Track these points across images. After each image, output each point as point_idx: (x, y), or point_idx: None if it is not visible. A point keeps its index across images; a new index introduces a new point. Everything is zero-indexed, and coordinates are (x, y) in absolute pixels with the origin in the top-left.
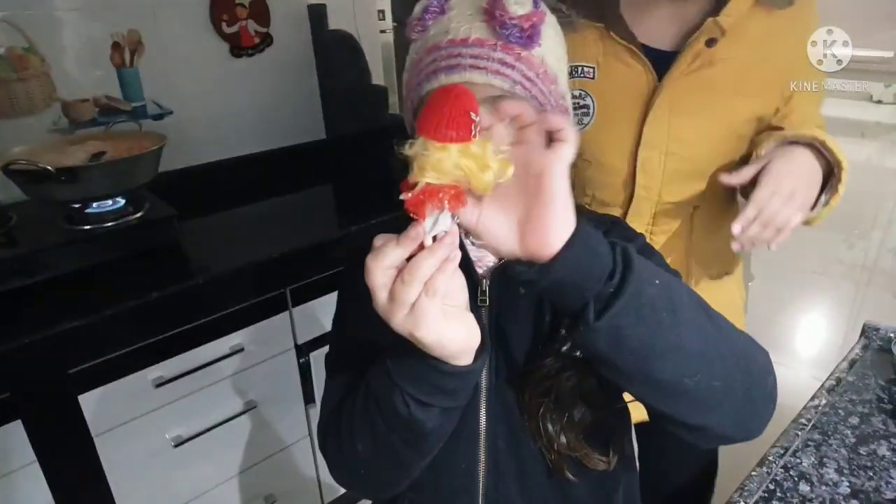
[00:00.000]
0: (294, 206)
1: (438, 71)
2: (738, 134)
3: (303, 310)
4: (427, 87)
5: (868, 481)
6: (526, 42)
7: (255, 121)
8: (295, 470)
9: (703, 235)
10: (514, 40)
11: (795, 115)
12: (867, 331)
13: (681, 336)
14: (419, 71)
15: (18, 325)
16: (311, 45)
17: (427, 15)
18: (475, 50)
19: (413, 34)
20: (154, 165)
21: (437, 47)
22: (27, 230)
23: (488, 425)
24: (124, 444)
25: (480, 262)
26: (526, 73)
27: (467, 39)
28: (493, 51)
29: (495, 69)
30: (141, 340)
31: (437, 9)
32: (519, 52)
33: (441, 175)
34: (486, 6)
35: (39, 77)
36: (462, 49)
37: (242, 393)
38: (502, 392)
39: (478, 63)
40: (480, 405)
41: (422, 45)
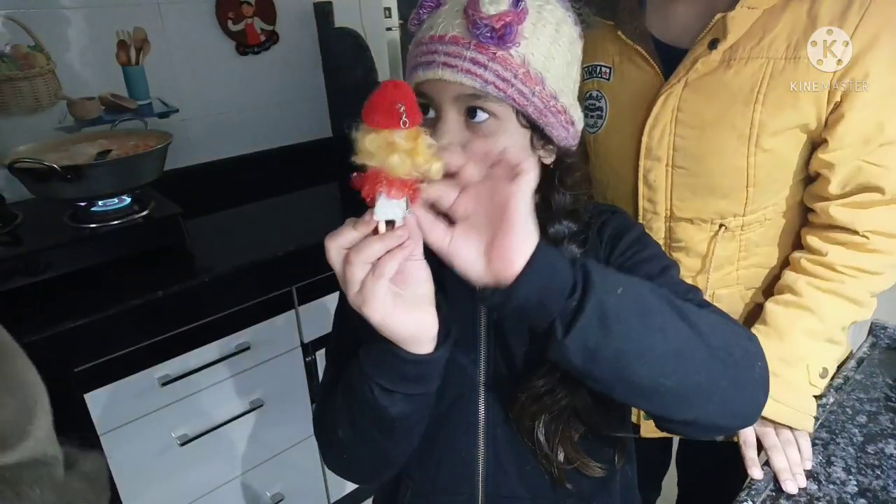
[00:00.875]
0: (300, 204)
1: (417, 66)
2: (763, 149)
3: (309, 308)
4: (408, 79)
5: (876, 480)
6: (498, 42)
7: (261, 119)
8: (301, 468)
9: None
10: (484, 40)
11: (851, 134)
12: (875, 329)
13: (653, 339)
14: (407, 63)
15: (24, 324)
16: (318, 43)
17: (422, 10)
18: (449, 48)
19: (412, 27)
20: (160, 164)
21: (420, 42)
22: (33, 228)
23: (487, 416)
24: (130, 443)
25: None
26: (501, 74)
27: (444, 37)
28: (466, 49)
29: (466, 68)
30: (147, 339)
31: (432, 4)
32: (494, 52)
33: (367, 157)
34: (464, 3)
35: (45, 75)
36: (438, 46)
37: (248, 391)
38: (501, 385)
39: (450, 61)
40: (479, 398)
41: (414, 40)
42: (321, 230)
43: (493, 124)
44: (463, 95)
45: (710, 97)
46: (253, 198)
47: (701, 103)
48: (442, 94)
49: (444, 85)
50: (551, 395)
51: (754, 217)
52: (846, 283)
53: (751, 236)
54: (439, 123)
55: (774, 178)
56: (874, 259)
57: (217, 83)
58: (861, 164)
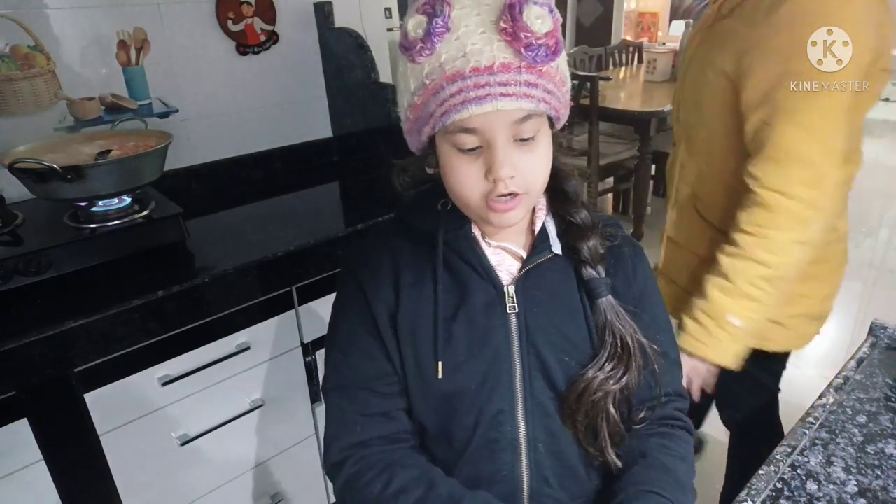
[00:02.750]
0: (300, 204)
1: (467, 102)
2: (728, 107)
3: (309, 308)
4: (455, 117)
5: (876, 480)
6: (551, 57)
7: (261, 119)
8: (301, 468)
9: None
10: (539, 60)
11: (775, 136)
12: (875, 329)
13: None
14: (442, 100)
15: (24, 324)
16: (318, 43)
17: (434, 38)
18: (502, 77)
19: (420, 57)
20: (160, 164)
21: (461, 76)
22: (33, 228)
23: (527, 431)
24: (131, 443)
25: (501, 267)
26: (547, 88)
27: (492, 66)
28: (519, 74)
29: (523, 93)
30: (147, 339)
31: (442, 28)
32: (541, 69)
33: None
34: (505, 26)
35: (45, 75)
36: (489, 77)
37: (249, 391)
38: (537, 396)
39: (506, 91)
40: (518, 412)
41: (437, 71)
42: (321, 230)
43: (537, 136)
44: (515, 119)
45: (707, 43)
46: (253, 198)
47: (703, 48)
48: (495, 123)
49: (499, 114)
50: (609, 381)
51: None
52: (747, 242)
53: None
54: (494, 153)
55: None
56: (768, 216)
57: (217, 83)
58: (759, 124)
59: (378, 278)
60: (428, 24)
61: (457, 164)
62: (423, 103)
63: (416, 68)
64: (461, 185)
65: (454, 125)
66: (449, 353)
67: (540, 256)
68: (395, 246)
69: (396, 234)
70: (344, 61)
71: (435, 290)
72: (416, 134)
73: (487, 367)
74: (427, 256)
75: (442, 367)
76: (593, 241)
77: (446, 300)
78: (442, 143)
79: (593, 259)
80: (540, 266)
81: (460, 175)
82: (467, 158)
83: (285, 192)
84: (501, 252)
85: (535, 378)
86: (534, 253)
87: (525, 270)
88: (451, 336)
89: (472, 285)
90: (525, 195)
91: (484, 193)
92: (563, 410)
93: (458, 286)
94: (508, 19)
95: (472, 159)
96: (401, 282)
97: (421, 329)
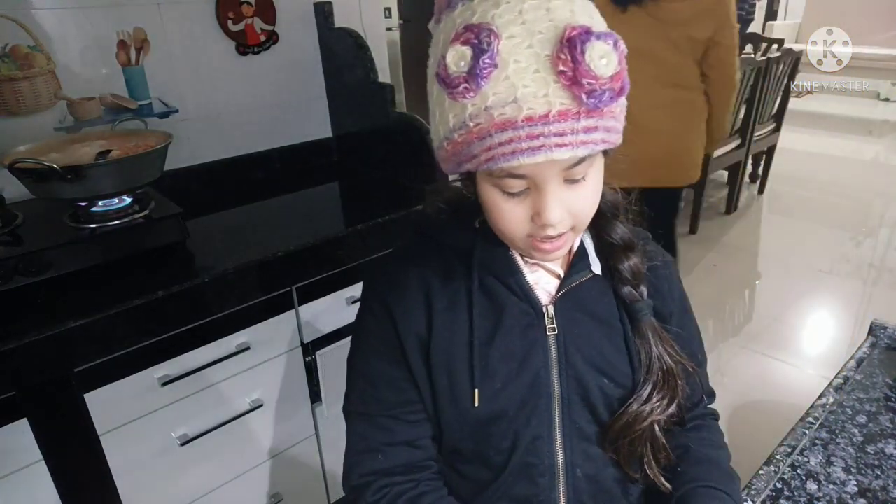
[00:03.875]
0: (300, 205)
1: (518, 153)
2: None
3: (309, 308)
4: (504, 165)
5: (875, 480)
6: (615, 99)
7: (261, 119)
8: (301, 468)
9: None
10: (604, 104)
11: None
12: (875, 329)
13: None
14: (489, 147)
15: (24, 324)
16: (318, 43)
17: (481, 79)
18: (558, 126)
19: (463, 98)
20: (160, 164)
21: (512, 125)
22: (33, 228)
23: (565, 456)
24: (130, 443)
25: (538, 286)
26: (607, 126)
27: (548, 115)
28: (578, 121)
29: (580, 141)
30: (147, 339)
31: (490, 66)
32: (602, 110)
33: None
34: (564, 69)
35: (45, 75)
36: (543, 128)
37: (248, 391)
38: (576, 420)
39: (563, 140)
40: (556, 438)
41: (483, 115)
42: (321, 230)
43: (588, 173)
44: (569, 165)
45: None
46: (253, 198)
47: None
48: (546, 172)
49: (553, 163)
50: (656, 411)
51: None
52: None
53: None
54: (544, 198)
55: None
56: (724, 68)
57: (217, 83)
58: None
59: (407, 303)
60: (473, 61)
61: (501, 204)
62: (464, 143)
63: (457, 105)
64: (505, 226)
65: (501, 171)
66: (486, 380)
67: (579, 276)
68: (426, 267)
69: (426, 255)
70: (344, 61)
71: (470, 315)
72: (453, 165)
73: (526, 392)
74: (461, 278)
75: (479, 395)
76: (634, 261)
77: (482, 324)
78: (485, 183)
79: (635, 279)
80: (579, 286)
81: (504, 215)
82: (513, 200)
83: (285, 192)
84: (539, 270)
85: (574, 402)
86: (572, 272)
87: (564, 290)
88: (488, 362)
89: (510, 307)
90: (571, 232)
91: (529, 233)
92: (606, 438)
93: (494, 308)
94: (568, 60)
95: (518, 201)
96: (433, 307)
97: (456, 357)
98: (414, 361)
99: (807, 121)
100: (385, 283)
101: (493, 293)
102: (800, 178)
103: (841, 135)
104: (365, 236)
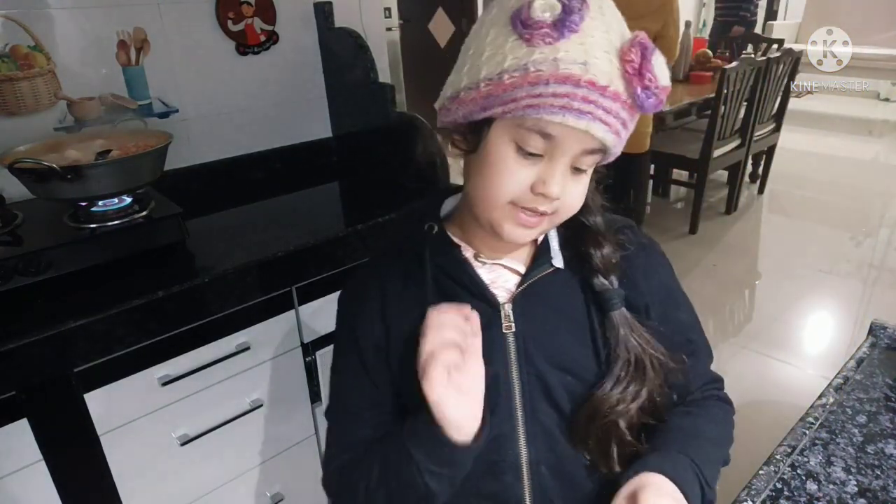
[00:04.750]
0: (300, 205)
1: (567, 108)
2: None
3: (309, 308)
4: (547, 117)
5: (875, 480)
6: (654, 110)
7: (261, 119)
8: (301, 468)
9: None
10: (647, 108)
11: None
12: (875, 329)
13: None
14: (539, 93)
15: (24, 324)
16: (318, 43)
17: (565, 30)
18: (608, 103)
19: (538, 41)
20: (160, 164)
21: (574, 81)
22: (32, 228)
23: (529, 453)
24: (131, 443)
25: (496, 284)
26: (629, 128)
27: (605, 88)
28: (623, 109)
29: (616, 129)
30: (147, 339)
31: (575, 25)
32: (635, 115)
33: None
34: (633, 59)
35: (45, 75)
36: (599, 97)
37: (248, 391)
38: (539, 418)
39: (606, 118)
40: (519, 435)
41: (549, 63)
42: (321, 230)
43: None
44: (589, 147)
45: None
46: (252, 198)
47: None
48: (574, 142)
49: (583, 135)
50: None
51: None
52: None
53: None
54: (555, 169)
55: None
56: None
57: (217, 83)
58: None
59: (365, 314)
60: (562, 14)
61: (509, 160)
62: (512, 85)
63: (523, 49)
64: (500, 182)
65: (535, 123)
66: None
67: (540, 271)
68: (385, 273)
69: (387, 260)
70: (344, 61)
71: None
72: (470, 107)
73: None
74: (417, 281)
75: None
76: (607, 249)
77: None
78: (503, 134)
79: (606, 268)
80: (541, 280)
81: (506, 172)
82: (523, 161)
83: (285, 192)
84: (498, 268)
85: (537, 400)
86: (534, 266)
87: (523, 287)
88: None
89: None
90: (551, 218)
91: (516, 199)
92: (573, 434)
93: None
94: (638, 55)
95: (527, 164)
96: (387, 311)
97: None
98: (373, 367)
99: (807, 121)
100: (346, 295)
101: (449, 294)
102: (800, 178)
103: (841, 135)
104: (365, 236)
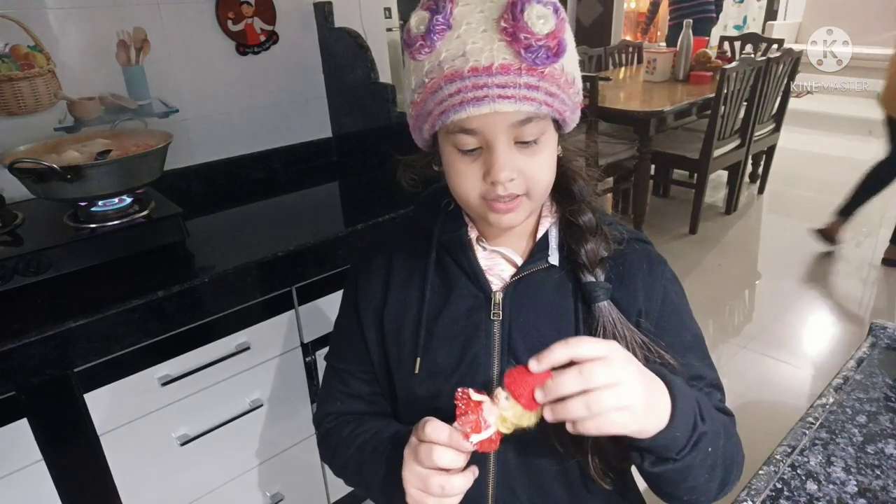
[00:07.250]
0: (300, 205)
1: (465, 103)
2: None
3: (309, 308)
4: (454, 117)
5: (876, 480)
6: (553, 59)
7: (261, 119)
8: (301, 468)
9: None
10: (541, 62)
11: None
12: (875, 329)
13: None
14: (440, 100)
15: (24, 324)
16: (318, 43)
17: (434, 35)
18: (500, 78)
19: (420, 55)
20: (160, 164)
21: (459, 76)
22: (33, 228)
23: None
24: (130, 443)
25: (492, 271)
26: (549, 90)
27: (491, 67)
28: (519, 76)
29: (523, 95)
30: (147, 339)
31: (443, 25)
32: (543, 70)
33: (502, 421)
34: (505, 25)
35: (45, 75)
36: (487, 79)
37: (248, 391)
38: None
39: (505, 92)
40: None
41: (436, 69)
42: (321, 230)
43: (540, 139)
44: (515, 122)
45: None
46: (252, 198)
47: None
48: (495, 126)
49: (498, 116)
50: None
51: None
52: None
53: None
54: (493, 155)
55: None
56: None
57: (217, 83)
58: None
59: (370, 274)
60: (429, 21)
61: (457, 163)
62: (422, 101)
63: (418, 65)
64: (460, 184)
65: (454, 125)
66: (429, 354)
67: (535, 265)
68: (395, 244)
69: (402, 231)
70: (344, 61)
71: (423, 291)
72: (418, 132)
73: (463, 373)
74: (422, 255)
75: (420, 364)
76: (592, 245)
77: (433, 301)
78: (444, 143)
79: (590, 262)
80: (535, 274)
81: (459, 175)
82: (467, 159)
83: (285, 192)
84: (496, 256)
85: None
86: (530, 260)
87: (517, 278)
88: (431, 338)
89: (459, 287)
90: (525, 198)
91: (482, 194)
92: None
93: (445, 287)
94: (509, 18)
95: (471, 160)
96: (391, 280)
97: (405, 328)
98: (367, 327)
99: (807, 121)
100: (360, 253)
101: (447, 272)
102: (800, 178)
103: (841, 135)
104: (365, 236)
